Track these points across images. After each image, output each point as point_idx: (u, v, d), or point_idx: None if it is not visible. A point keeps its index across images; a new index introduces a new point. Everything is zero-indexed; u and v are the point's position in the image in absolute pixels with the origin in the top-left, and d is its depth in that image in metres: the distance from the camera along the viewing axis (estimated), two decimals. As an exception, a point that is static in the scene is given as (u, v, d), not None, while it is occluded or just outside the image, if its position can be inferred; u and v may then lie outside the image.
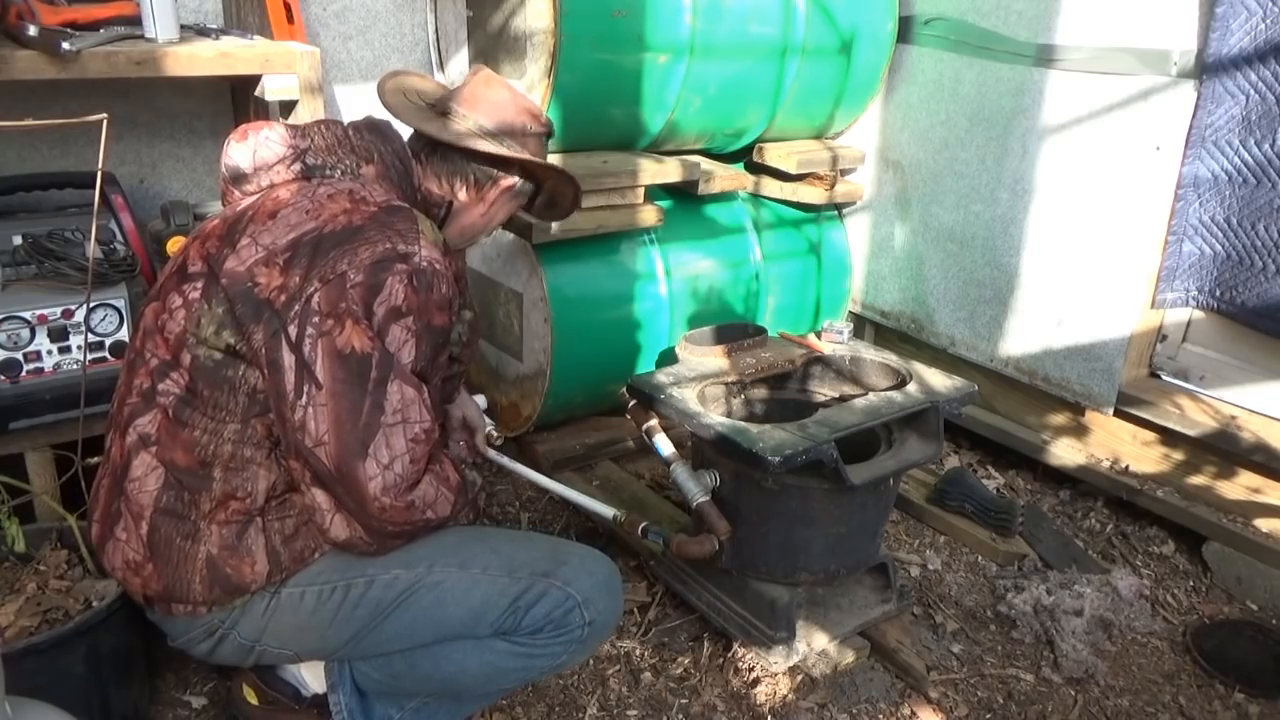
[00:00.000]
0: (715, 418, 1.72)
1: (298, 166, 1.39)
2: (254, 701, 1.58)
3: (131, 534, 1.32)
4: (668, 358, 2.41)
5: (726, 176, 2.53)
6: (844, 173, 2.81)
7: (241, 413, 1.29)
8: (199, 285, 1.30)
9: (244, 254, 1.28)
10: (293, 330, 1.23)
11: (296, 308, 1.23)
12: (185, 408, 1.30)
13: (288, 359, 1.23)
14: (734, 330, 2.09)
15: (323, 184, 1.35)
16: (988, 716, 1.78)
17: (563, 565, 1.40)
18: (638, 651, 1.87)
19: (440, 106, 1.53)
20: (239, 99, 2.21)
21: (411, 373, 1.28)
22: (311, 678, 1.57)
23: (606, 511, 1.95)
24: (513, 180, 1.54)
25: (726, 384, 1.93)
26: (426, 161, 1.50)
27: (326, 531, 1.29)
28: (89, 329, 1.75)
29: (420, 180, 1.48)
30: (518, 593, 1.37)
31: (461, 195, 1.52)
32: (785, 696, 1.77)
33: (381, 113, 1.55)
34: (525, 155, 1.51)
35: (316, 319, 1.23)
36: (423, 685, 1.46)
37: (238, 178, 1.41)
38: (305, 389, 1.23)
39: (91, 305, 1.75)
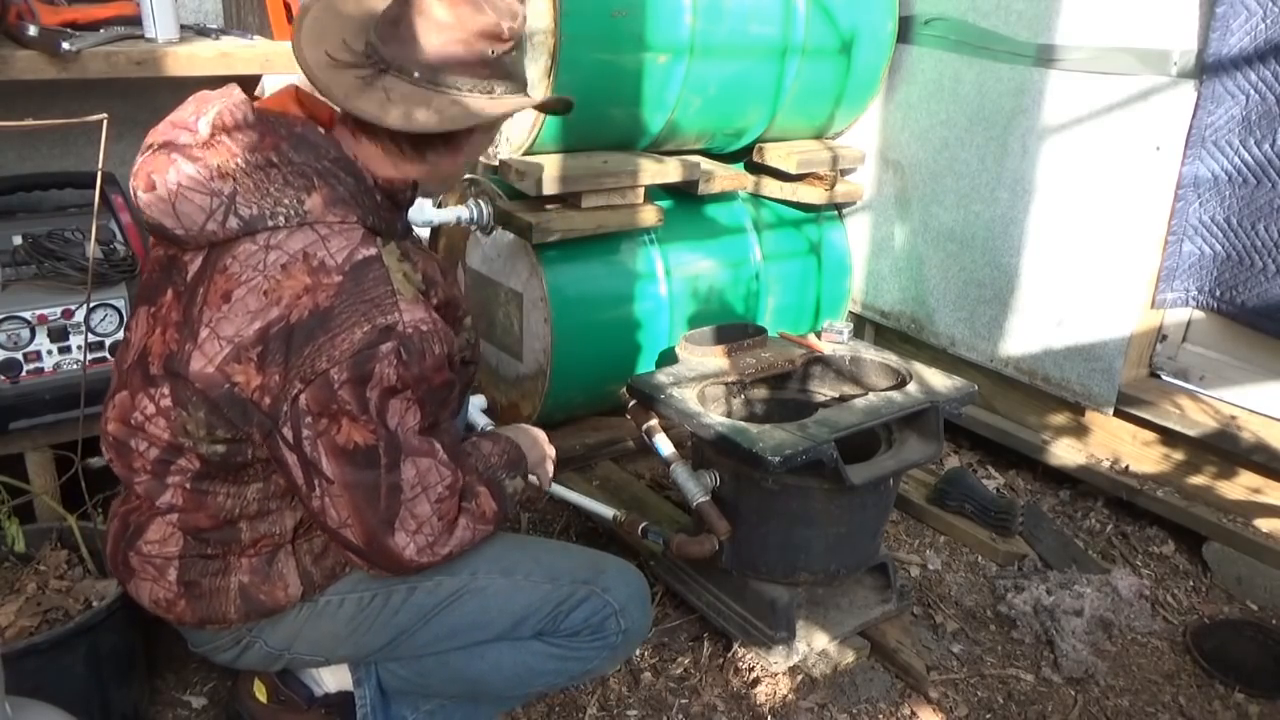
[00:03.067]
0: (715, 418, 1.71)
1: (233, 223, 1.17)
2: (263, 699, 1.56)
3: (158, 580, 1.30)
4: (668, 358, 2.41)
5: (726, 176, 2.53)
6: (844, 173, 2.80)
7: (261, 477, 1.26)
8: (167, 391, 1.21)
9: (208, 349, 1.17)
10: (288, 432, 1.17)
11: (285, 409, 1.16)
12: (204, 480, 1.26)
13: (290, 457, 1.18)
14: (734, 330, 2.09)
15: (270, 244, 1.17)
16: (988, 716, 1.78)
17: (601, 574, 1.41)
18: (638, 651, 1.87)
19: (373, 58, 1.22)
20: (239, 99, 2.20)
21: (420, 433, 1.21)
22: (330, 677, 1.57)
23: (606, 511, 1.95)
24: (482, 120, 1.26)
25: (726, 384, 1.93)
26: (373, 139, 1.25)
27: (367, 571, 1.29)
28: (89, 329, 1.75)
29: (375, 176, 1.26)
30: (560, 599, 1.37)
31: (424, 167, 1.30)
32: (785, 696, 1.77)
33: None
34: (483, 113, 1.24)
35: (309, 419, 1.15)
36: (450, 685, 1.45)
37: (171, 239, 1.22)
38: (316, 483, 1.19)
39: (91, 305, 1.75)
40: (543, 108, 1.43)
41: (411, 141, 1.25)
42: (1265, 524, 2.17)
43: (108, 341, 1.82)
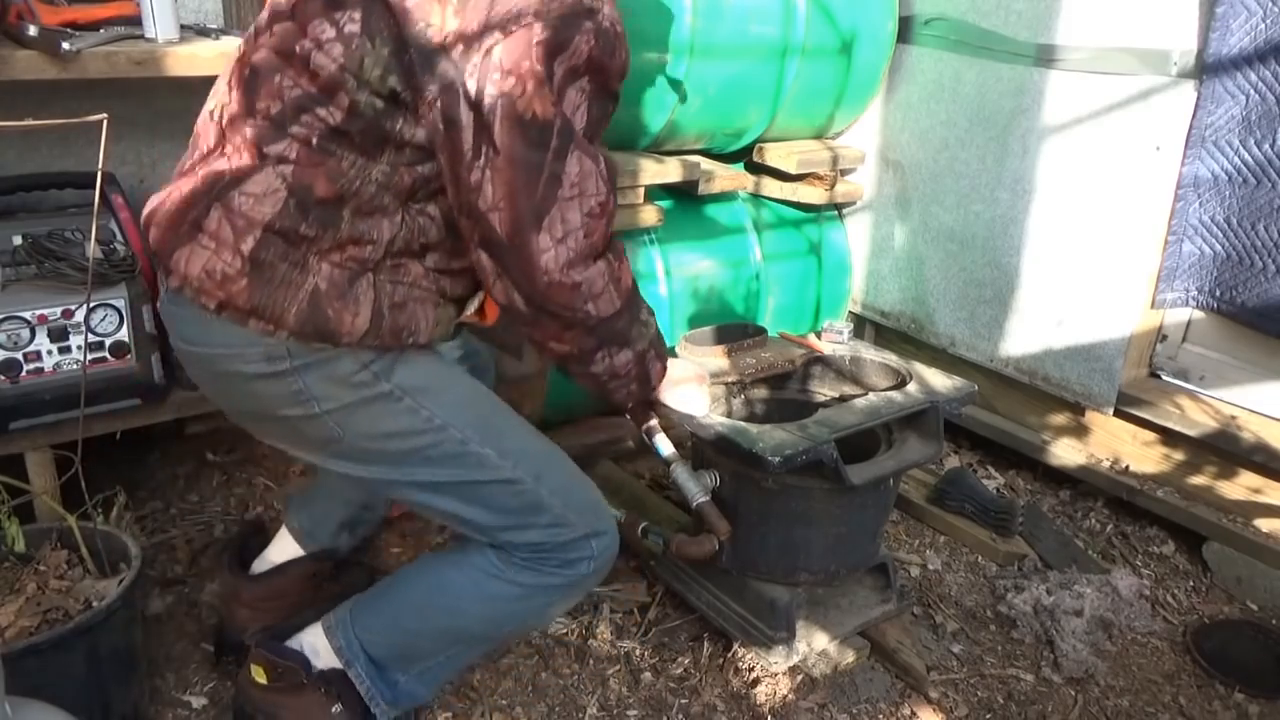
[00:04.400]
0: (715, 418, 1.71)
1: None
2: (263, 681, 1.53)
3: (227, 246, 1.20)
4: (668, 358, 2.41)
5: (727, 176, 2.53)
6: (844, 173, 2.80)
7: (391, 159, 1.20)
8: (357, 17, 1.15)
9: None
10: (471, 85, 1.13)
11: (475, 60, 1.12)
12: (333, 141, 1.19)
13: (465, 116, 1.14)
14: (734, 330, 2.09)
15: None
16: (988, 716, 1.78)
17: (598, 520, 1.44)
18: (638, 651, 1.87)
19: None
20: (239, 99, 2.20)
21: (587, 139, 1.20)
22: (323, 650, 1.55)
23: (606, 511, 1.95)
24: None
25: (726, 384, 1.93)
26: None
27: (489, 290, 1.26)
28: (89, 329, 1.75)
29: None
30: (551, 520, 1.38)
31: None
32: (785, 696, 1.77)
33: None
34: None
35: (497, 76, 1.12)
36: (427, 633, 1.46)
37: None
38: (483, 150, 1.15)
39: (91, 305, 1.75)
40: None
41: None
42: (1265, 524, 2.17)
43: (108, 341, 1.82)
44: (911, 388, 1.86)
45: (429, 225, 1.28)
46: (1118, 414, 2.37)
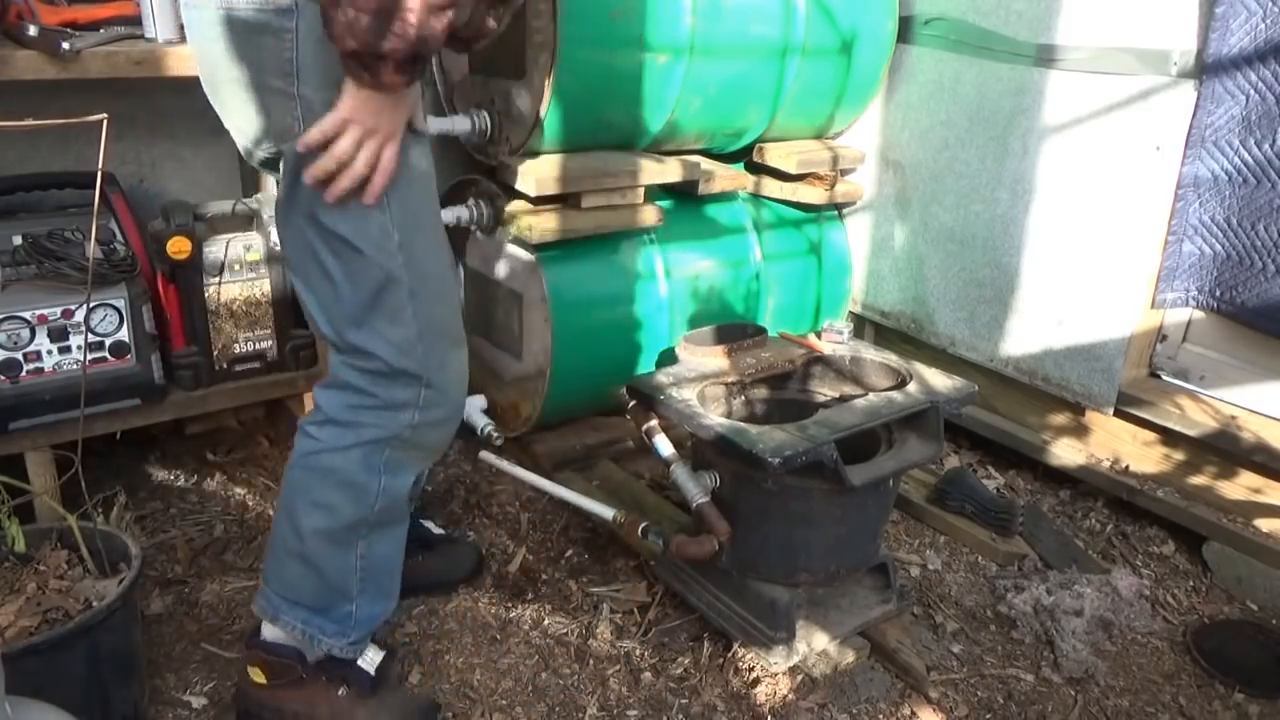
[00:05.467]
0: (715, 418, 1.72)
1: None
2: (263, 680, 1.56)
3: None
4: (668, 358, 2.41)
5: (727, 176, 2.53)
6: (844, 173, 2.81)
7: None
8: None
9: None
10: None
11: None
12: None
13: None
14: (734, 330, 2.09)
15: None
16: (988, 716, 1.78)
17: (442, 375, 1.41)
18: (638, 651, 1.87)
19: None
20: (239, 99, 2.20)
21: None
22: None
23: (606, 512, 1.96)
24: None
25: (726, 384, 1.93)
26: None
27: None
28: (89, 329, 1.75)
29: None
30: (399, 339, 1.36)
31: None
32: (785, 697, 1.77)
33: None
34: None
35: None
36: (314, 548, 1.46)
37: None
38: None
39: (91, 305, 1.75)
40: None
41: None
42: (1265, 524, 2.17)
43: (108, 341, 1.82)
44: (911, 388, 1.86)
45: None
46: (1118, 414, 2.37)
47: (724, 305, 2.59)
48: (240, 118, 1.38)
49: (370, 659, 1.58)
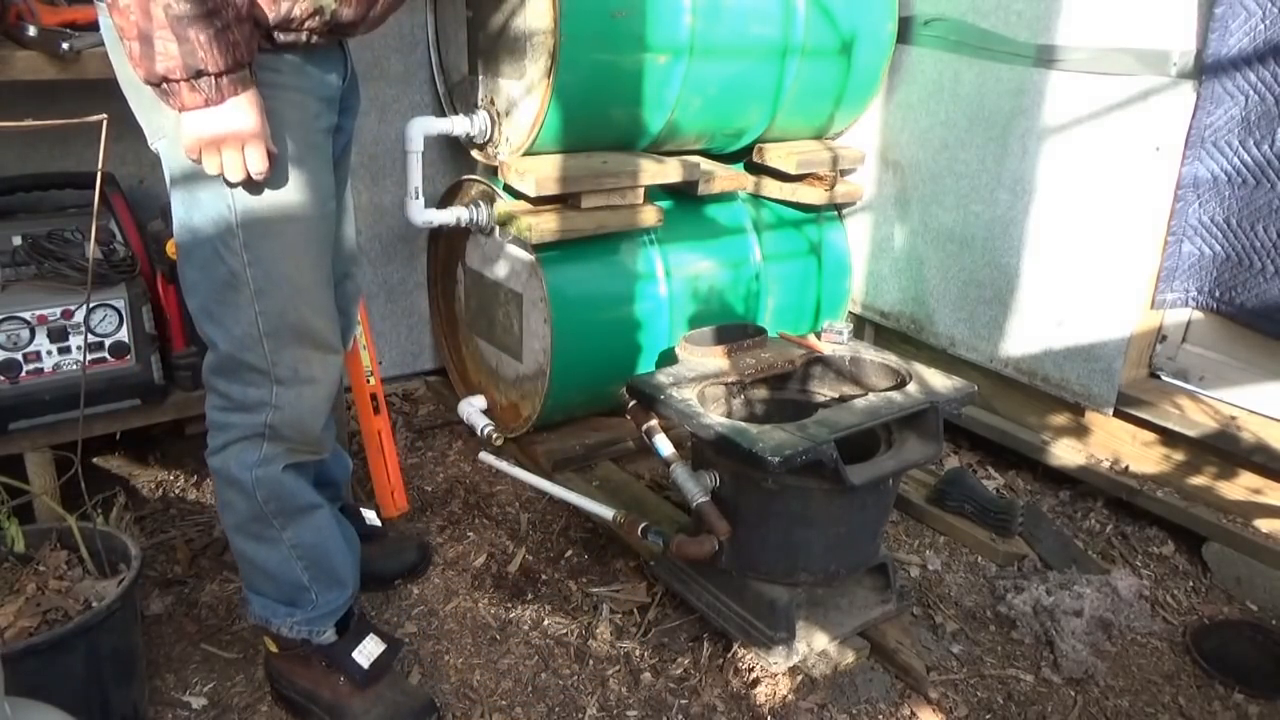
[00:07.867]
0: (715, 418, 1.72)
1: None
2: (274, 649, 1.65)
3: None
4: (668, 358, 2.41)
5: (726, 177, 2.53)
6: (844, 173, 2.81)
7: None
8: None
9: None
10: None
11: None
12: None
13: None
14: (734, 330, 2.09)
15: None
16: (987, 717, 1.78)
17: (295, 372, 1.44)
18: (638, 652, 1.87)
19: None
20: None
21: None
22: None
23: (606, 512, 1.96)
24: None
25: (726, 384, 1.93)
26: None
27: None
28: (89, 329, 1.75)
29: None
30: (242, 333, 1.40)
31: None
32: (785, 697, 1.77)
33: None
34: None
35: None
36: (250, 546, 1.55)
37: None
38: None
39: (91, 305, 1.75)
40: None
41: None
42: (1265, 524, 2.17)
43: (107, 341, 1.82)
44: (911, 388, 1.86)
45: None
46: (1117, 414, 2.37)
47: (724, 305, 2.59)
48: (135, 113, 1.43)
49: (368, 652, 1.62)
